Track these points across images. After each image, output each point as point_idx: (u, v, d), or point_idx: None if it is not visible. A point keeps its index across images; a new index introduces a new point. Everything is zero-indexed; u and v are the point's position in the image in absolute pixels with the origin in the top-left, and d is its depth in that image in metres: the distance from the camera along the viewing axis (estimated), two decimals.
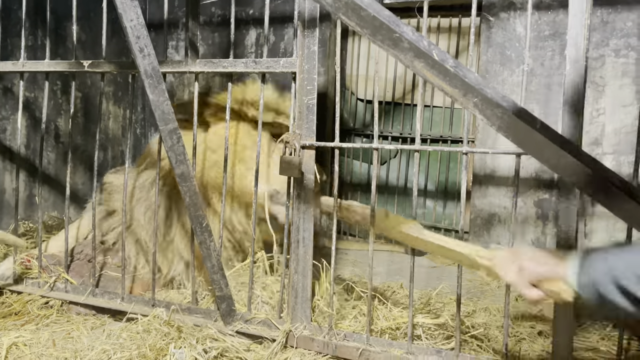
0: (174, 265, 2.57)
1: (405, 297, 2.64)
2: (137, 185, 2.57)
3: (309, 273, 1.96)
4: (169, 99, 1.82)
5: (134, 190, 2.55)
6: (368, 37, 1.22)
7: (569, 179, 1.30)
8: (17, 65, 2.42)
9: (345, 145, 1.90)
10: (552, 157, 1.25)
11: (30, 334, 2.04)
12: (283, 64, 1.98)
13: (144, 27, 1.66)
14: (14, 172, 3.46)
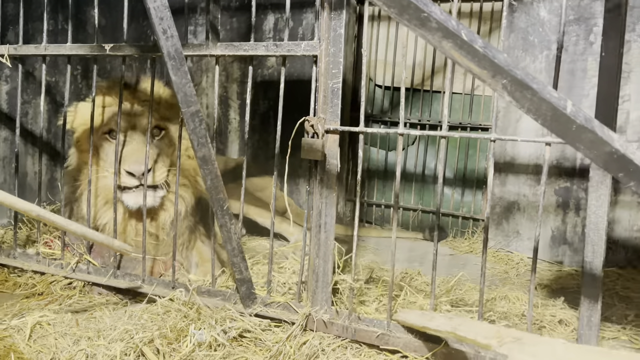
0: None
1: (424, 284, 2.63)
2: None
3: (330, 258, 1.96)
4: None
5: None
6: (395, 16, 1.20)
7: (604, 166, 1.27)
8: (40, 48, 2.43)
9: (371, 130, 1.88)
10: (586, 143, 1.22)
11: (53, 314, 2.07)
12: (304, 47, 1.96)
13: (167, 8, 1.65)
14: (35, 156, 3.50)
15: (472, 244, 3.81)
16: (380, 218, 4.35)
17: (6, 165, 3.29)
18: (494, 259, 3.40)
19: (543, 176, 1.72)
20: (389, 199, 4.32)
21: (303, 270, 2.08)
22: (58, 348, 1.81)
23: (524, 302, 2.47)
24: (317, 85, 1.95)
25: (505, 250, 3.55)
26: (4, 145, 3.26)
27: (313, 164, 1.98)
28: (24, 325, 1.94)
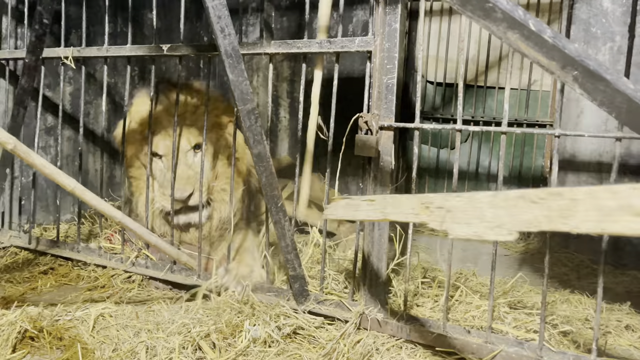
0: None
1: (479, 284, 2.56)
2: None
3: (384, 256, 1.93)
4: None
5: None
6: (457, 7, 1.16)
7: None
8: (102, 50, 2.53)
9: (427, 126, 1.83)
10: None
11: (114, 306, 2.14)
12: (358, 43, 1.95)
13: (225, 7, 1.67)
14: (96, 154, 3.65)
15: (528, 245, 3.68)
16: None
17: (69, 163, 3.44)
18: (554, 260, 3.26)
19: (613, 174, 1.63)
20: None
21: (356, 268, 2.06)
22: (120, 339, 1.87)
23: (586, 306, 2.36)
24: (371, 81, 1.93)
25: (564, 251, 3.41)
26: (67, 144, 3.41)
27: (367, 160, 1.96)
28: (87, 317, 2.02)
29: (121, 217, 1.76)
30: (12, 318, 1.87)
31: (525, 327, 1.99)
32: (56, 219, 2.86)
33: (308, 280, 2.18)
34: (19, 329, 1.83)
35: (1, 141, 1.29)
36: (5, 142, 1.29)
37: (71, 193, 1.57)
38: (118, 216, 1.75)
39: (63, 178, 1.49)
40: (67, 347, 1.83)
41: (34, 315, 1.93)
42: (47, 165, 1.42)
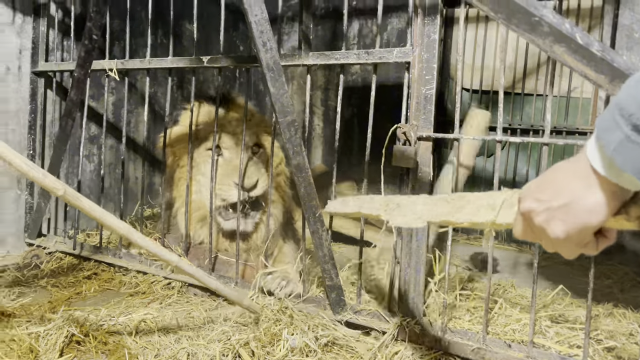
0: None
1: (518, 296, 2.51)
2: None
3: (422, 268, 1.92)
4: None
5: None
6: (502, 21, 1.15)
7: None
8: (144, 62, 2.61)
9: (466, 137, 1.82)
10: None
11: (156, 312, 2.20)
12: (396, 54, 1.95)
13: (267, 22, 1.71)
14: (136, 162, 3.75)
15: None
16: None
17: (111, 171, 3.55)
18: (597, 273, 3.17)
19: None
20: None
21: (394, 279, 2.06)
22: (161, 345, 1.92)
23: (631, 320, 2.29)
24: (409, 92, 1.93)
25: (608, 263, 3.31)
26: (109, 152, 3.52)
27: (405, 171, 1.96)
28: (130, 322, 2.08)
29: (177, 261, 1.75)
30: (60, 322, 1.94)
31: (568, 342, 1.95)
32: (99, 225, 2.96)
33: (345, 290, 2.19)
34: (66, 333, 1.89)
35: (50, 187, 1.33)
36: (55, 188, 1.33)
37: (123, 237, 1.60)
38: (174, 260, 1.74)
39: (113, 220, 1.53)
40: (111, 351, 1.88)
41: (80, 320, 1.99)
42: (95, 208, 1.46)
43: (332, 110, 4.56)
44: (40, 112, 3.05)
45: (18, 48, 2.96)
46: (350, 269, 2.48)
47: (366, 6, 4.24)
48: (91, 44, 2.20)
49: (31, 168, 1.27)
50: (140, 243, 1.59)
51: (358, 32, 4.29)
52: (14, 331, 1.89)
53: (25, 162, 1.27)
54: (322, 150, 4.62)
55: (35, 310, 2.18)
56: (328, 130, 4.59)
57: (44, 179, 1.30)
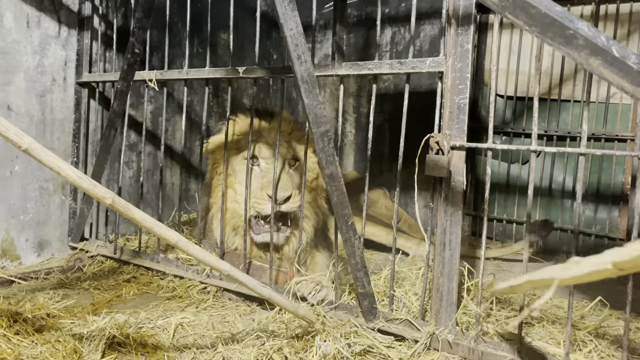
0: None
1: (554, 307, 2.47)
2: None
3: (455, 277, 1.92)
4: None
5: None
6: (536, 35, 1.15)
7: None
8: (182, 73, 2.69)
9: (501, 147, 1.81)
10: None
11: (192, 316, 2.26)
12: (429, 63, 1.96)
13: (302, 35, 1.75)
14: (173, 168, 3.86)
15: None
16: (501, 234, 4.15)
17: (149, 177, 3.66)
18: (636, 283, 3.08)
19: None
20: (510, 213, 4.12)
21: (426, 287, 2.06)
22: (198, 349, 1.97)
23: None
24: (442, 101, 1.94)
25: None
26: (147, 159, 3.64)
27: (437, 180, 1.96)
28: (168, 325, 2.14)
29: (229, 270, 1.70)
30: (102, 324, 2.02)
31: (607, 356, 1.91)
32: (138, 230, 3.06)
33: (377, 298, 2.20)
34: (107, 335, 1.97)
35: (99, 196, 1.38)
36: (104, 197, 1.38)
37: (175, 246, 1.60)
38: (226, 269, 1.71)
39: (164, 230, 1.56)
40: (150, 353, 1.95)
41: (120, 323, 2.07)
42: (146, 218, 1.50)
43: (364, 117, 4.57)
44: (83, 121, 3.18)
45: (63, 60, 3.10)
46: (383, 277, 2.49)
47: (399, 13, 4.25)
48: (133, 58, 2.29)
49: (81, 178, 1.33)
50: (191, 251, 1.61)
51: (391, 40, 4.30)
52: (59, 332, 1.98)
53: (75, 173, 1.34)
54: (354, 156, 4.64)
55: (78, 312, 2.27)
56: (360, 136, 4.61)
57: (93, 188, 1.36)
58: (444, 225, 1.93)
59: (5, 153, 2.84)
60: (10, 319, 2.02)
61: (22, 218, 2.96)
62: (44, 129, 3.01)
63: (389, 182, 4.38)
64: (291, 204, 2.52)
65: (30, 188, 2.97)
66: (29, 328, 2.00)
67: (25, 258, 2.99)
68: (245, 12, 4.28)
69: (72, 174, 1.31)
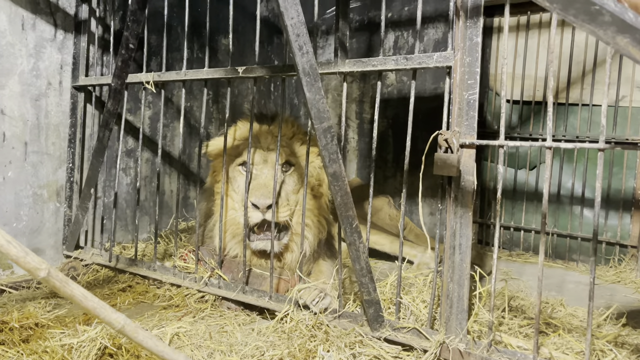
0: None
1: (569, 315, 2.36)
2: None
3: (466, 282, 1.81)
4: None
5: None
6: (558, 12, 1.07)
7: None
8: (180, 74, 2.61)
9: (513, 144, 1.72)
10: None
11: (189, 326, 2.15)
12: (437, 58, 1.87)
13: (304, 24, 1.67)
14: (172, 175, 3.77)
15: (620, 273, 3.38)
16: (508, 241, 4.04)
17: (147, 184, 3.57)
18: None
19: None
20: (518, 220, 4.01)
21: (435, 293, 1.95)
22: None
23: None
24: (450, 97, 1.85)
25: None
26: (145, 165, 3.55)
27: (446, 180, 1.87)
28: (163, 335, 2.04)
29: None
30: (93, 334, 1.91)
31: None
32: (134, 238, 2.96)
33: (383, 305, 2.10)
34: (99, 346, 1.87)
35: (31, 267, 1.15)
36: (37, 268, 1.15)
37: (120, 332, 1.25)
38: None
39: (109, 313, 1.16)
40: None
41: (113, 333, 1.96)
42: (88, 296, 1.15)
43: (366, 123, 4.49)
44: (80, 125, 3.10)
45: (59, 63, 3.02)
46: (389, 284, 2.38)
47: (402, 17, 4.19)
48: (128, 54, 2.21)
49: (10, 243, 1.15)
50: (140, 339, 1.26)
51: (394, 44, 4.23)
52: (47, 343, 1.88)
53: (4, 237, 1.15)
54: (357, 163, 4.55)
55: (69, 322, 2.16)
56: (362, 143, 4.52)
57: (25, 257, 1.17)
58: (453, 228, 1.83)
59: None
60: None
61: (15, 225, 2.87)
62: (39, 134, 2.93)
63: (393, 188, 4.28)
64: (281, 214, 2.45)
65: (23, 195, 2.88)
66: (15, 338, 1.90)
67: (17, 267, 2.89)
68: (246, 18, 4.23)
69: (2, 239, 1.15)
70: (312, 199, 2.66)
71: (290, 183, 2.60)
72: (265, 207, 2.37)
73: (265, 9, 4.48)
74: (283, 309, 2.16)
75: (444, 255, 1.89)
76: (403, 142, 4.16)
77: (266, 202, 2.36)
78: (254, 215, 2.41)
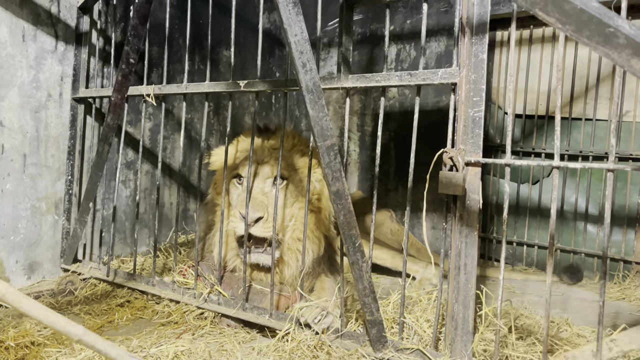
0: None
1: (575, 335, 2.31)
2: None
3: (471, 303, 1.77)
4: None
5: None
6: (570, 33, 1.04)
7: None
8: (181, 87, 2.59)
9: (520, 162, 1.69)
10: None
11: (188, 344, 2.10)
12: (441, 75, 1.85)
13: (308, 41, 1.64)
14: (172, 187, 3.73)
15: (624, 290, 3.34)
16: (510, 256, 4.00)
17: (147, 196, 3.54)
18: None
19: None
20: (520, 235, 3.97)
21: (439, 314, 1.91)
22: None
23: None
24: (455, 115, 1.82)
25: None
26: (145, 177, 3.52)
27: (451, 199, 1.84)
28: (161, 354, 1.99)
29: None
30: (90, 353, 1.87)
31: None
32: (133, 252, 2.92)
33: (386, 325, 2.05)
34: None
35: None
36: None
37: (79, 342, 1.16)
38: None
39: (67, 326, 1.11)
40: None
41: None
42: (48, 313, 1.13)
43: (368, 136, 4.46)
44: (79, 137, 3.07)
45: (60, 75, 3.00)
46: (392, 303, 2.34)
47: (404, 31, 4.18)
48: (128, 68, 2.19)
49: None
50: (98, 347, 1.17)
51: (396, 57, 4.22)
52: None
53: None
54: (358, 175, 4.52)
55: (66, 339, 2.12)
56: (364, 155, 4.49)
57: None
58: (458, 248, 1.80)
59: None
60: None
61: (12, 238, 2.83)
62: (38, 146, 2.90)
63: (395, 202, 4.25)
64: (262, 228, 2.39)
65: (21, 207, 2.85)
66: (11, 357, 1.86)
67: (14, 281, 2.85)
68: (247, 30, 4.22)
69: None
70: (310, 213, 2.61)
71: (282, 197, 2.55)
72: (253, 220, 2.35)
73: (267, 20, 4.48)
74: (284, 328, 2.12)
75: (448, 274, 1.85)
76: (405, 155, 4.13)
77: (254, 216, 2.34)
78: (239, 226, 2.39)
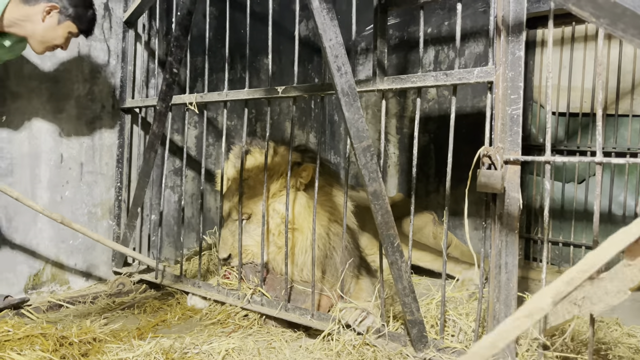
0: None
1: (625, 335, 2.25)
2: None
3: (513, 303, 1.76)
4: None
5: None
6: (605, 27, 1.04)
7: None
8: (222, 95, 2.69)
9: (560, 159, 1.67)
10: None
11: (238, 341, 2.17)
12: (477, 73, 1.85)
13: (342, 45, 1.69)
14: (216, 193, 3.85)
15: None
16: (557, 257, 3.90)
17: (194, 202, 3.67)
18: None
19: None
20: (567, 236, 3.87)
21: (480, 313, 1.91)
22: None
23: None
24: (492, 113, 1.82)
25: None
26: (192, 183, 3.65)
27: (490, 198, 1.84)
28: (212, 351, 2.07)
29: None
30: (148, 349, 1.97)
31: None
32: (180, 255, 3.04)
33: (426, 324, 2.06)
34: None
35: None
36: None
37: None
38: None
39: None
40: None
41: (166, 347, 2.02)
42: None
43: (407, 138, 4.47)
44: (127, 146, 3.23)
45: (112, 87, 3.17)
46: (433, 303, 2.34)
47: (441, 33, 4.17)
48: (172, 78, 2.29)
49: None
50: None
51: (434, 59, 4.21)
52: (105, 357, 1.95)
53: None
54: (398, 178, 4.53)
55: (124, 336, 2.23)
56: (404, 157, 4.49)
57: None
58: (499, 247, 1.79)
59: (57, 179, 2.90)
60: (56, 343, 2.01)
61: (72, 243, 3.00)
62: (93, 155, 3.08)
63: (436, 203, 4.23)
64: (233, 263, 2.72)
65: (79, 213, 3.02)
66: (75, 352, 1.98)
67: (73, 282, 3.02)
68: (286, 39, 4.31)
69: None
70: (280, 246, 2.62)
71: (250, 230, 2.71)
72: (223, 259, 2.73)
73: (306, 28, 4.56)
74: (326, 328, 2.16)
75: (489, 274, 1.85)
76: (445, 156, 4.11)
77: (224, 255, 2.72)
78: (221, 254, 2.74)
